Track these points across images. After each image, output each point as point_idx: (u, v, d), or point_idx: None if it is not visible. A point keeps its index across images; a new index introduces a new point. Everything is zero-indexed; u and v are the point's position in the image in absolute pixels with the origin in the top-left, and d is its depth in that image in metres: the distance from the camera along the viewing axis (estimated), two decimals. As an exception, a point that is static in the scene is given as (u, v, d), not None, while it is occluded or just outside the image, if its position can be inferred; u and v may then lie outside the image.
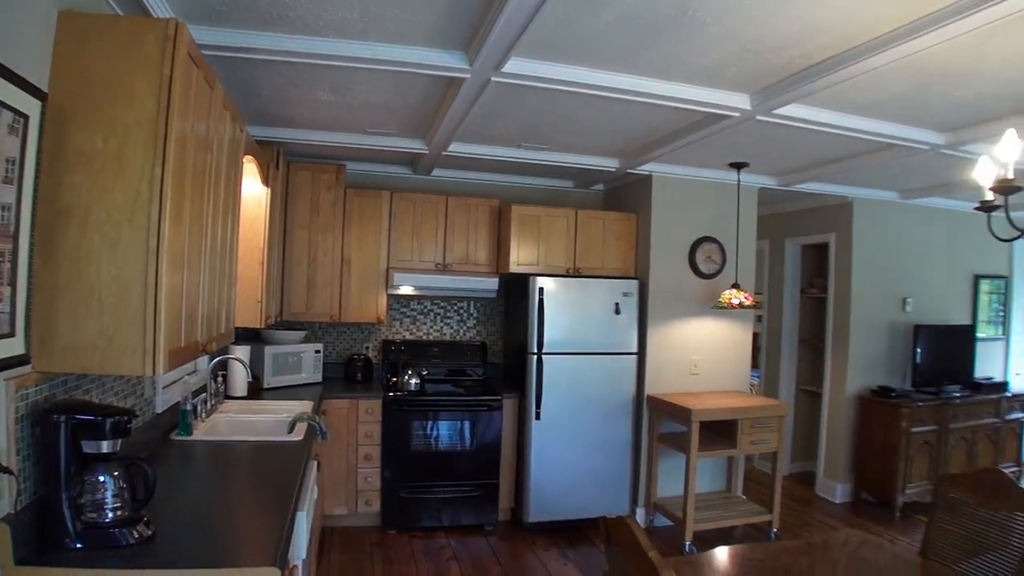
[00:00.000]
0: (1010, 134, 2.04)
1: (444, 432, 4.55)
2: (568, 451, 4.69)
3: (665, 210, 4.88)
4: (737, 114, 3.32)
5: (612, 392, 4.79)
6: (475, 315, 5.42)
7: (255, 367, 4.21)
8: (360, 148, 4.34)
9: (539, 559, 4.28)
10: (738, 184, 4.88)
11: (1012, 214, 2.11)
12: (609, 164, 4.66)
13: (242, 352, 3.91)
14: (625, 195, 5.24)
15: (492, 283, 4.90)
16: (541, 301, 4.55)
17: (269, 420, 3.51)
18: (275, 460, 2.71)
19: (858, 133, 3.60)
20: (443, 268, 4.83)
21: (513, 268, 4.75)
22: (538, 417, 4.59)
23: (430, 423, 4.52)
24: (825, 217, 5.95)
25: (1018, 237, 2.12)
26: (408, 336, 5.26)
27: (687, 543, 4.34)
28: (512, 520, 4.85)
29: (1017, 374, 6.92)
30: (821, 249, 6.13)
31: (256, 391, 4.20)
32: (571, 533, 4.65)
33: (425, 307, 5.32)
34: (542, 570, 4.13)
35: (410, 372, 4.70)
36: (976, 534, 2.54)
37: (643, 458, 4.90)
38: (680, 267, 4.95)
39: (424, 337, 5.29)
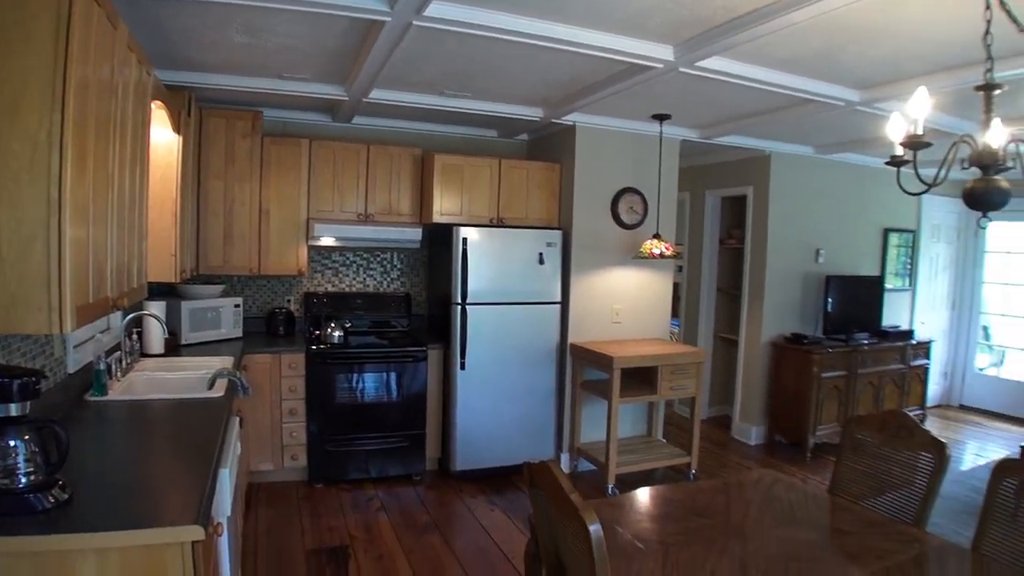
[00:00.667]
0: (921, 92, 2.17)
1: (369, 384, 4.66)
2: (493, 400, 4.88)
3: (588, 161, 5.04)
4: (660, 65, 3.43)
5: (536, 341, 4.99)
6: (399, 266, 5.50)
7: (172, 323, 4.18)
8: (277, 94, 4.29)
9: (467, 506, 4.47)
10: (660, 136, 5.08)
11: (921, 170, 2.25)
12: (533, 114, 4.76)
13: (157, 308, 3.90)
14: (549, 145, 5.37)
15: (415, 233, 4.99)
16: (465, 251, 4.67)
17: (188, 377, 3.50)
18: (195, 418, 2.71)
19: (777, 88, 3.78)
20: (365, 218, 4.86)
21: (437, 218, 4.83)
22: (463, 367, 4.75)
23: (355, 376, 4.62)
24: (744, 170, 6.27)
25: (925, 191, 2.29)
26: (331, 288, 5.30)
27: (610, 486, 4.61)
28: (440, 469, 5.04)
29: (922, 323, 7.55)
30: (740, 201, 6.46)
31: (174, 348, 4.19)
32: (498, 480, 4.87)
33: (348, 259, 5.36)
34: (470, 517, 4.32)
35: (333, 325, 4.76)
36: (882, 473, 2.75)
37: (567, 405, 5.15)
38: (603, 217, 5.14)
39: (347, 289, 5.35)
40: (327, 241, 4.86)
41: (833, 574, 2.10)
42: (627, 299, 5.33)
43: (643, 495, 2.73)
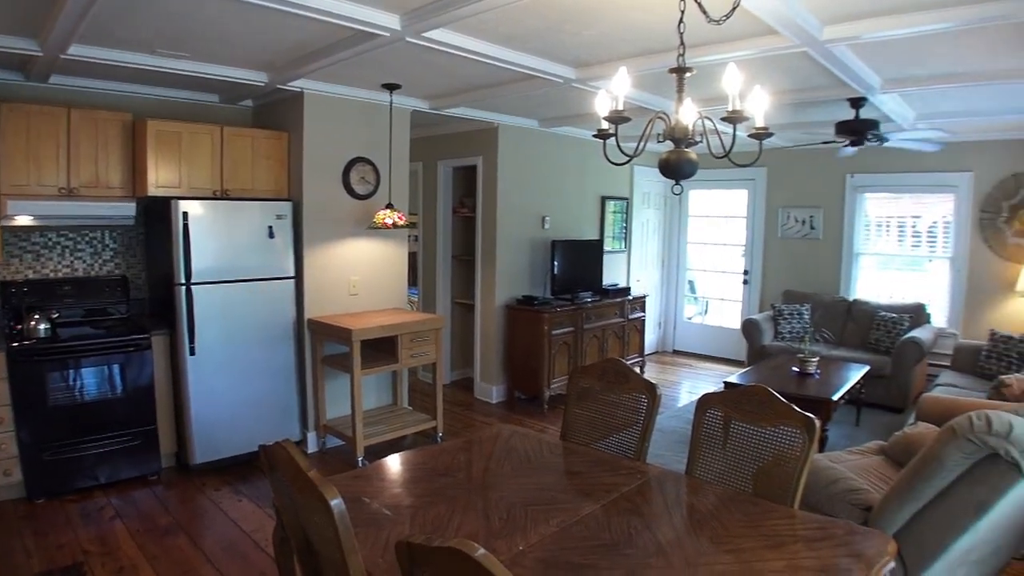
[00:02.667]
0: (622, 71, 2.60)
1: (88, 380, 4.53)
2: (230, 385, 4.99)
3: (318, 129, 5.28)
4: (387, 34, 3.69)
5: (271, 319, 5.19)
6: (112, 246, 5.31)
7: None
8: (-49, 46, 3.88)
9: (212, 500, 4.55)
10: (391, 106, 5.51)
11: (625, 143, 2.70)
12: (257, 78, 4.84)
13: None
14: (276, 112, 5.51)
15: (128, 209, 4.87)
16: (186, 227, 4.67)
17: None
18: None
19: (502, 63, 4.29)
20: (68, 193, 4.63)
21: (152, 191, 4.74)
22: (193, 352, 4.79)
23: (70, 372, 4.46)
24: (474, 141, 6.98)
25: (628, 162, 2.77)
26: (32, 275, 5.00)
27: (360, 458, 4.99)
28: (178, 465, 5.04)
29: (637, 280, 9.04)
30: (471, 171, 7.18)
31: None
32: (243, 468, 5.01)
33: (50, 240, 5.06)
34: (216, 511, 4.39)
35: (38, 317, 4.54)
36: (606, 416, 3.19)
37: (309, 382, 5.42)
38: (334, 188, 5.45)
39: (52, 275, 5.08)
40: (23, 220, 4.58)
41: (568, 511, 2.39)
42: (363, 270, 5.72)
43: (388, 463, 2.92)
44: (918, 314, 7.35)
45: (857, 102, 5.34)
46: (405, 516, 2.35)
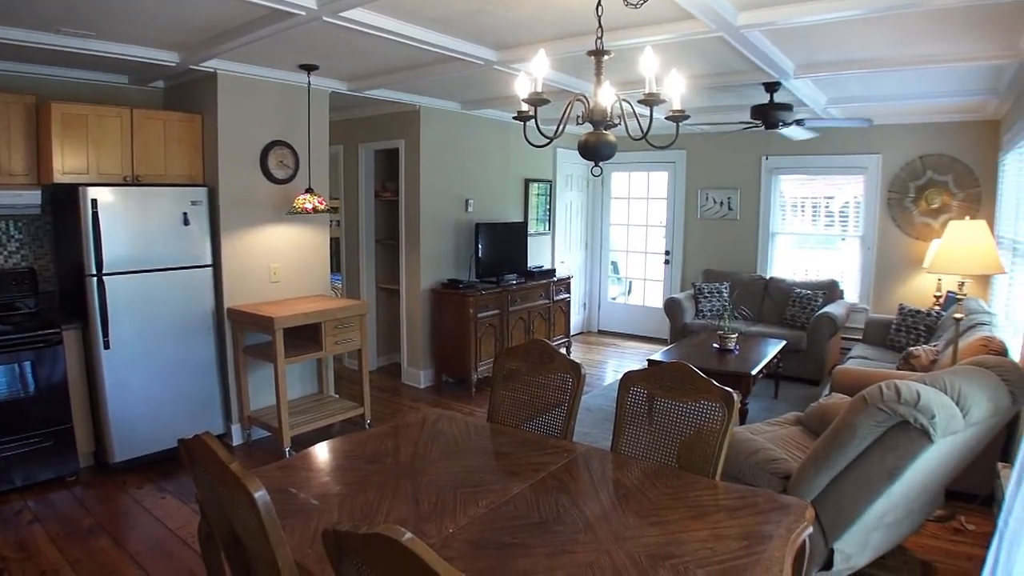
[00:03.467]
0: (541, 53, 2.63)
1: None
2: (148, 378, 4.88)
3: (233, 112, 5.17)
4: (303, 13, 3.62)
5: (190, 309, 5.08)
6: (18, 237, 5.10)
7: None
8: None
9: (134, 498, 4.45)
10: (309, 87, 5.44)
11: (547, 126, 2.75)
12: (168, 58, 4.70)
13: None
14: (188, 94, 5.36)
15: (33, 197, 4.69)
16: (96, 215, 4.54)
17: None
18: None
19: (423, 44, 4.29)
20: None
21: (58, 178, 4.58)
22: (107, 346, 4.67)
23: None
24: (395, 123, 6.94)
25: (548, 144, 2.82)
26: None
27: (287, 449, 4.96)
28: (97, 464, 4.90)
29: (562, 262, 9.17)
30: (393, 154, 7.14)
31: None
32: (165, 464, 4.90)
33: None
34: (139, 509, 4.30)
35: None
36: (533, 397, 3.24)
37: (231, 373, 5.34)
38: (252, 172, 5.34)
39: None
40: (-83, 211, 4.31)
41: (497, 492, 2.43)
42: (284, 257, 5.65)
43: (315, 453, 2.90)
44: (831, 290, 7.70)
45: (772, 87, 5.53)
46: (333, 505, 2.34)
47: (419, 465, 2.73)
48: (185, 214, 5.03)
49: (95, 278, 4.63)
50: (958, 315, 4.52)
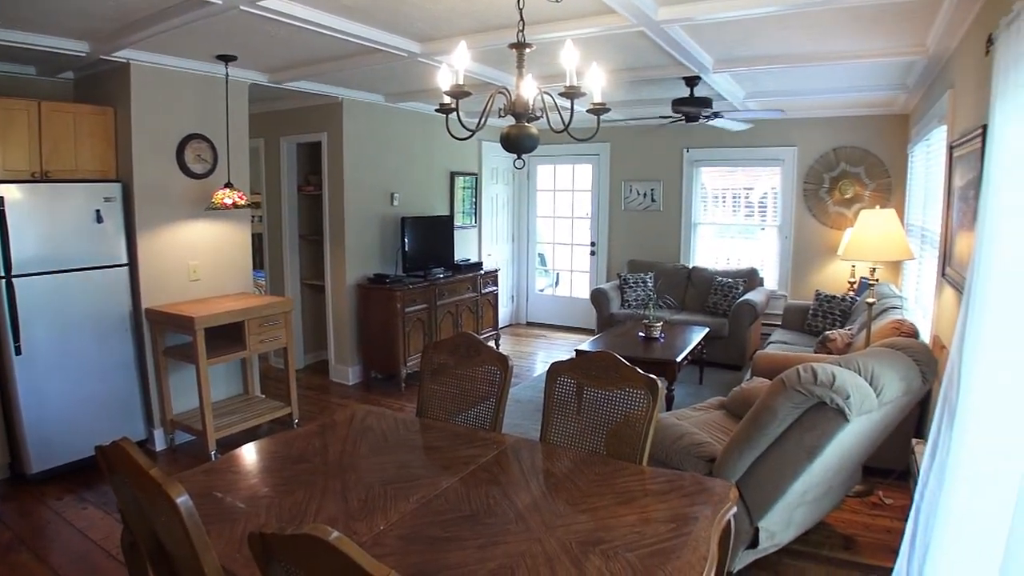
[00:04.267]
0: (462, 46, 2.62)
1: None
2: (64, 385, 4.71)
3: (148, 104, 5.00)
4: (219, 1, 3.55)
5: (106, 310, 4.91)
6: None
7: None
8: None
9: (54, 510, 4.29)
10: (227, 78, 5.31)
11: (470, 118, 2.76)
12: (77, 48, 4.53)
13: None
14: (100, 86, 5.17)
15: None
16: (2, 213, 4.35)
17: None
18: None
19: (345, 35, 4.24)
20: None
21: None
22: (19, 352, 4.48)
23: None
24: (317, 116, 6.83)
25: (470, 136, 2.82)
26: None
27: (213, 452, 4.86)
28: (13, 476, 4.70)
29: (489, 255, 9.20)
30: (315, 147, 7.04)
31: None
32: (86, 474, 4.73)
33: None
34: (60, 521, 4.15)
35: None
36: (462, 390, 3.26)
37: (151, 376, 5.18)
38: (168, 167, 5.18)
39: None
40: None
41: (428, 486, 2.45)
42: (204, 254, 5.50)
43: (241, 455, 2.84)
44: (751, 278, 7.96)
45: (692, 81, 5.65)
46: (261, 507, 2.30)
47: (348, 463, 2.72)
48: (98, 211, 4.85)
49: (3, 280, 4.43)
50: (871, 300, 4.72)
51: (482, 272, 8.05)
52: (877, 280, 5.03)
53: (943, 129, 4.55)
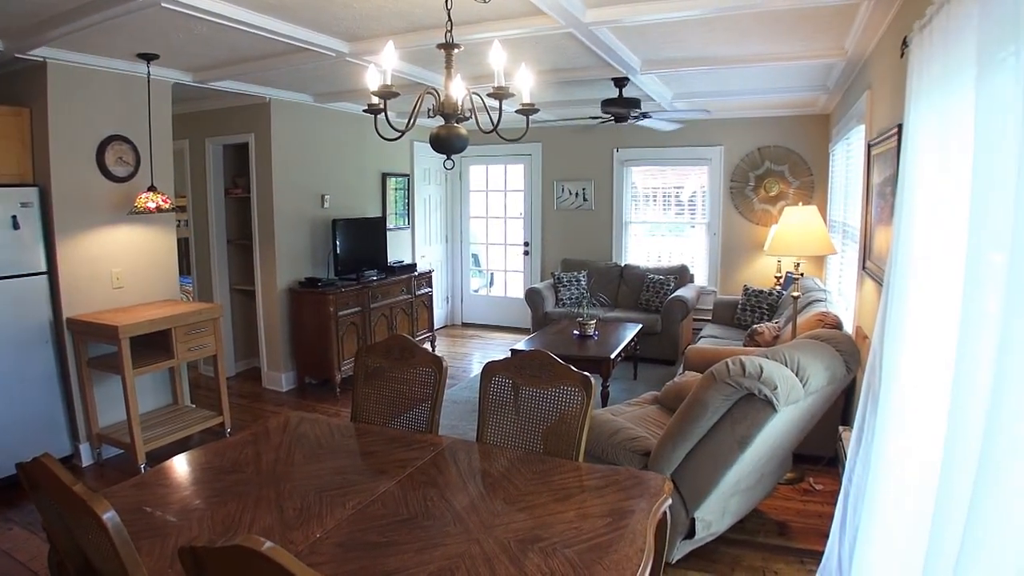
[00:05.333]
0: (389, 46, 2.63)
1: None
2: None
3: (65, 104, 4.84)
4: None
5: (23, 321, 4.72)
6: None
7: None
8: None
9: None
10: (148, 78, 5.14)
11: (400, 119, 2.91)
12: None
13: None
14: (14, 85, 4.96)
15: None
16: None
17: None
18: None
19: (271, 34, 4.17)
20: None
21: None
22: None
23: None
24: (244, 117, 6.70)
25: (399, 137, 2.81)
26: None
27: (143, 466, 4.71)
28: None
29: (422, 256, 9.17)
30: (242, 149, 6.88)
31: None
32: (8, 492, 4.54)
33: None
34: None
35: None
36: (397, 393, 3.25)
37: (75, 388, 4.99)
38: (89, 170, 5.01)
39: None
40: None
41: (364, 492, 2.43)
42: (128, 260, 5.34)
43: (171, 467, 2.77)
44: (682, 275, 8.13)
45: (621, 82, 5.74)
46: (193, 520, 2.25)
47: (282, 471, 2.67)
48: (14, 217, 4.65)
49: (-91, 291, 4.20)
50: (796, 293, 4.87)
51: (416, 274, 8.02)
52: (802, 274, 5.19)
53: (862, 128, 4.72)
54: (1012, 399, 1.36)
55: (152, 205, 4.95)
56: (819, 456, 4.58)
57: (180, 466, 2.80)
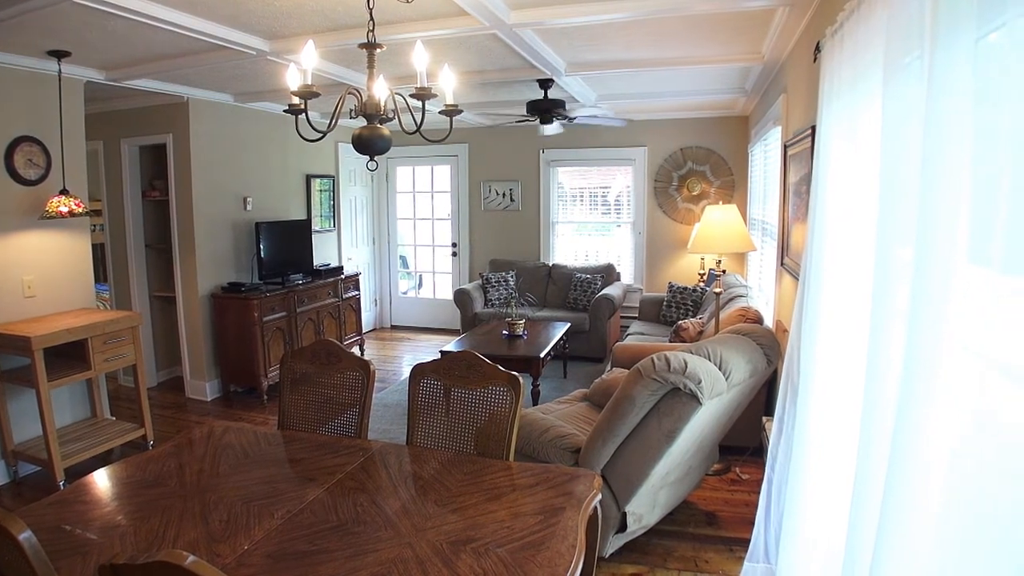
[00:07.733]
0: (309, 45, 2.58)
1: None
2: None
3: None
4: None
5: None
6: None
7: None
8: None
9: None
10: (59, 76, 4.95)
11: (322, 119, 2.90)
12: None
13: None
14: None
15: None
16: None
17: None
18: None
19: (187, 31, 4.05)
20: None
21: None
22: None
23: None
24: (161, 117, 6.48)
25: (321, 138, 2.78)
26: None
27: (61, 482, 4.53)
28: None
29: (349, 259, 9.06)
30: (160, 150, 6.67)
31: None
32: None
33: None
34: None
35: None
36: (325, 399, 3.20)
37: None
38: None
39: None
40: None
41: (293, 500, 2.40)
42: (39, 268, 5.12)
43: (90, 482, 2.68)
44: (609, 273, 8.25)
45: (545, 83, 5.79)
46: (114, 537, 2.18)
47: (207, 482, 2.61)
48: (-88, 223, 4.42)
49: None
50: (718, 290, 5.00)
51: (343, 277, 7.92)
52: (724, 271, 5.33)
53: (778, 130, 4.88)
54: (920, 386, 1.42)
55: (64, 209, 4.78)
56: (744, 447, 4.71)
57: (101, 481, 2.71)
